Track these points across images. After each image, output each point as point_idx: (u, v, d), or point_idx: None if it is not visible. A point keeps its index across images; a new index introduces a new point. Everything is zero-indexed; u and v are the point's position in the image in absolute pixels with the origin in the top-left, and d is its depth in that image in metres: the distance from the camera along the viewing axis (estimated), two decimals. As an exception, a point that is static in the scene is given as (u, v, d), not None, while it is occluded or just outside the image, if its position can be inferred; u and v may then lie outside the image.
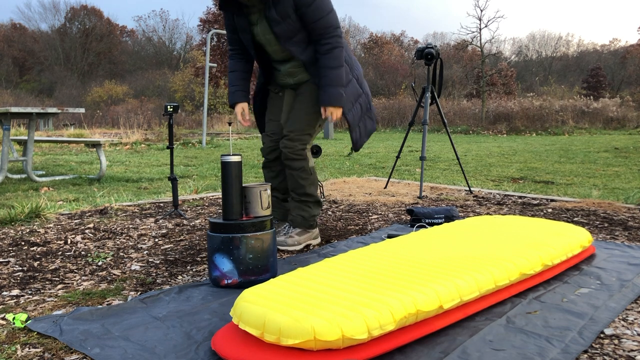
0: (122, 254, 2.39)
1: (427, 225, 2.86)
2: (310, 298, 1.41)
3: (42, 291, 1.89)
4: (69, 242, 2.59)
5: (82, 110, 5.82)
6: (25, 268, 2.16)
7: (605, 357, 1.32)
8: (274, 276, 1.95)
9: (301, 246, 2.45)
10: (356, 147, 2.55)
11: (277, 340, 1.26)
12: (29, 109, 4.90)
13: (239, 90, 2.49)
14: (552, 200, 3.70)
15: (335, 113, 2.33)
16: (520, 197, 3.86)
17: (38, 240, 2.60)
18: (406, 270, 1.65)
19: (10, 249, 2.46)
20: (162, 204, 3.66)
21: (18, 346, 1.42)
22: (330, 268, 1.70)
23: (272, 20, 2.26)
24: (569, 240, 2.06)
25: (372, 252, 1.89)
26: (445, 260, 1.75)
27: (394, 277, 1.58)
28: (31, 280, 2.01)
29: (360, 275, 1.61)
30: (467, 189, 4.30)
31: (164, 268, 2.16)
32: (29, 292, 1.88)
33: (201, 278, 2.03)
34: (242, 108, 2.48)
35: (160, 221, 3.08)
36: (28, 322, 1.58)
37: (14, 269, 2.15)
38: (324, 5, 2.22)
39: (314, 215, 2.48)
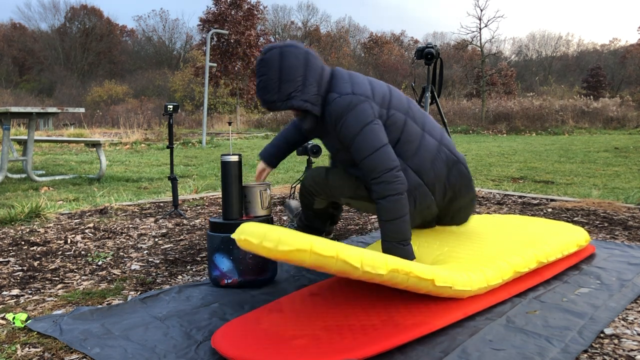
0: (122, 253, 2.39)
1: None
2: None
3: (42, 291, 1.89)
4: (69, 241, 2.59)
5: (82, 110, 5.82)
6: (25, 268, 2.16)
7: (605, 356, 1.32)
8: (274, 276, 1.95)
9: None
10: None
11: (274, 247, 1.28)
12: (28, 109, 4.90)
13: (275, 155, 2.24)
14: (552, 200, 3.70)
15: None
16: (520, 197, 3.86)
17: (38, 240, 2.60)
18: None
19: (10, 248, 2.46)
20: (162, 204, 3.66)
21: (18, 346, 1.42)
22: None
23: (329, 151, 2.12)
24: (564, 239, 2.06)
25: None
26: (439, 260, 1.76)
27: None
28: (31, 280, 2.01)
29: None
30: (467, 188, 4.30)
31: (163, 268, 2.16)
32: (29, 291, 1.88)
33: (201, 278, 2.03)
34: (265, 170, 2.25)
35: (160, 221, 3.08)
36: (28, 321, 1.58)
37: (14, 268, 2.15)
38: (366, 144, 1.81)
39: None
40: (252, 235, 1.34)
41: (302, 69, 1.84)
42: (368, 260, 1.31)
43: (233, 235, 1.41)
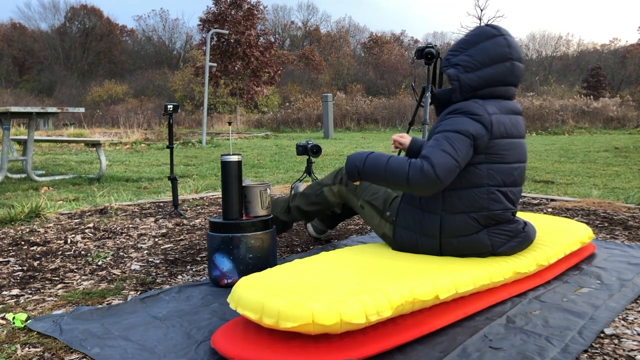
0: (122, 253, 2.39)
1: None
2: (308, 285, 1.43)
3: (42, 291, 1.89)
4: (68, 241, 2.59)
5: (82, 109, 5.82)
6: (25, 268, 2.16)
7: (605, 356, 1.32)
8: (274, 276, 1.95)
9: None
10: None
11: (275, 324, 1.27)
12: (28, 109, 4.90)
13: None
14: (552, 200, 3.70)
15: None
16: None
17: (38, 240, 2.60)
18: (405, 264, 1.67)
19: (10, 248, 2.46)
20: (162, 204, 3.66)
21: (18, 346, 1.42)
22: (327, 259, 1.71)
23: None
24: (567, 238, 2.06)
25: (370, 248, 1.90)
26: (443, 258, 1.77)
27: (392, 269, 1.61)
28: (31, 280, 2.01)
29: (358, 266, 1.63)
30: (467, 188, 4.29)
31: (163, 268, 2.16)
32: (29, 291, 1.88)
33: (201, 278, 2.03)
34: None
35: (160, 221, 3.08)
36: (28, 321, 1.57)
37: (14, 268, 2.15)
38: (450, 121, 1.73)
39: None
40: (249, 309, 1.32)
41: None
42: (371, 309, 1.29)
43: (229, 301, 1.42)
